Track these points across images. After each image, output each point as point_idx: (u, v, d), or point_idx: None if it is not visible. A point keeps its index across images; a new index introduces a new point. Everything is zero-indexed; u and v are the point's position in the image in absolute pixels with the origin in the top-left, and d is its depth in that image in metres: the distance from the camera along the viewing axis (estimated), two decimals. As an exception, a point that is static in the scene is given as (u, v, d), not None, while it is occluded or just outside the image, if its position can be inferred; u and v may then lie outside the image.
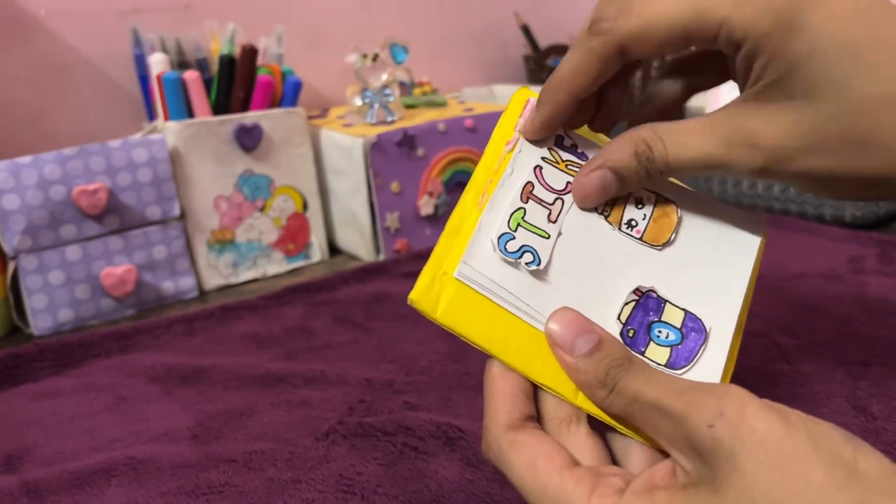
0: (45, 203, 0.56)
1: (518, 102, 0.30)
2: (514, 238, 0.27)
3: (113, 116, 0.75)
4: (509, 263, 0.26)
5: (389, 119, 0.72)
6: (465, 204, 0.27)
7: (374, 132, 0.67)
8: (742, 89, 0.26)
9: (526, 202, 0.27)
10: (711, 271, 0.27)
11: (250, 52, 0.65)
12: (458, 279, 0.26)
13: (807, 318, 0.49)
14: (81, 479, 0.36)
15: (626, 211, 0.28)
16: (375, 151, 0.66)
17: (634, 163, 0.26)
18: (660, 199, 0.28)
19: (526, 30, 0.99)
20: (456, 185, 0.72)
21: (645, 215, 0.28)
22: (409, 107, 0.80)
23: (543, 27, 1.03)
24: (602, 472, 0.23)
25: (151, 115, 0.71)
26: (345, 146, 0.68)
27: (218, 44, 0.68)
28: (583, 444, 0.24)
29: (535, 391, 0.25)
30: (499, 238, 0.26)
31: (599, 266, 0.27)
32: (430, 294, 0.26)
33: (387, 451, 0.37)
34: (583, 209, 0.28)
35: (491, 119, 0.73)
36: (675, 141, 0.25)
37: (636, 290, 0.27)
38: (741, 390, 0.21)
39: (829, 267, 0.57)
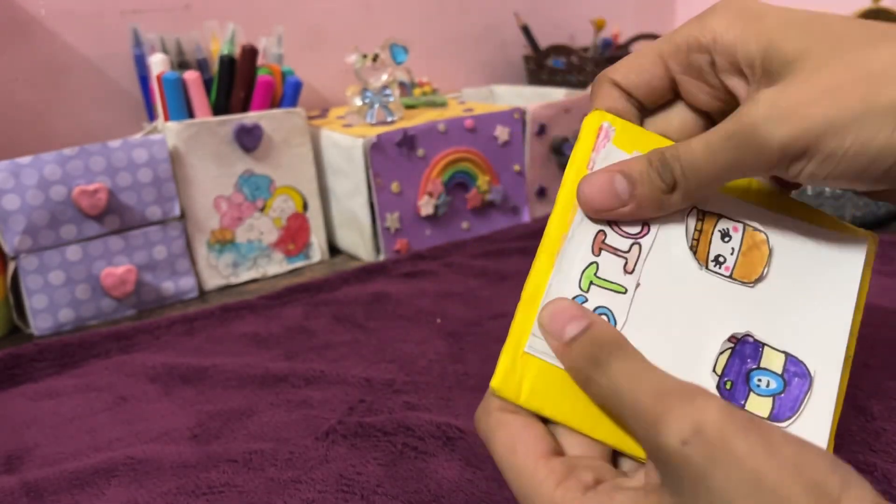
0: (45, 203, 0.56)
1: (590, 131, 0.27)
2: (586, 300, 0.24)
3: (113, 117, 0.75)
4: None
5: (389, 119, 0.72)
6: (538, 267, 0.25)
7: (374, 132, 0.67)
8: (745, 96, 0.25)
9: (598, 255, 0.25)
10: (811, 306, 0.25)
11: (250, 53, 0.65)
12: (533, 356, 0.24)
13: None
14: (81, 479, 0.36)
15: (711, 246, 0.25)
16: (375, 152, 0.66)
17: (646, 166, 0.24)
18: (747, 229, 0.26)
19: (526, 30, 0.99)
20: (456, 185, 0.72)
21: (733, 249, 0.25)
22: (409, 107, 0.80)
23: (543, 27, 1.03)
24: (577, 465, 0.22)
25: (152, 116, 0.71)
26: (345, 146, 0.68)
27: (218, 44, 0.68)
28: (576, 435, 0.24)
29: None
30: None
31: (687, 314, 0.25)
32: (512, 378, 0.24)
33: (387, 451, 0.37)
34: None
35: (491, 119, 0.73)
36: (686, 146, 0.24)
37: (731, 338, 0.24)
38: (723, 403, 0.20)
39: (829, 267, 0.57)
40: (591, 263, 0.25)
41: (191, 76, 0.63)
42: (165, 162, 0.61)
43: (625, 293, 0.25)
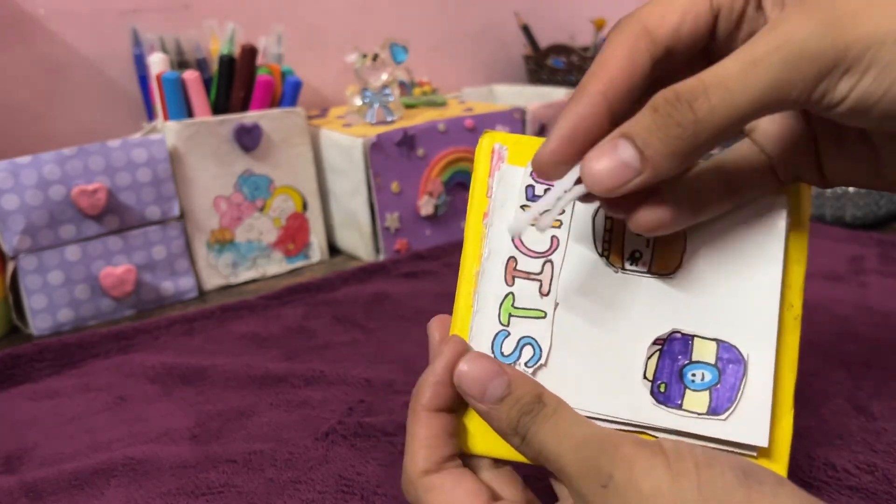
0: (44, 203, 0.56)
1: (484, 156, 0.26)
2: (509, 334, 0.24)
3: (112, 116, 0.75)
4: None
5: (389, 119, 0.72)
6: (459, 309, 0.25)
7: (374, 132, 0.67)
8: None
9: (512, 284, 0.25)
10: (736, 284, 0.24)
11: (250, 52, 0.65)
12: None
13: (807, 318, 0.49)
14: (81, 479, 0.36)
15: (625, 243, 0.24)
16: (375, 151, 0.66)
17: (650, 116, 0.20)
18: None
19: (526, 29, 0.99)
20: (456, 184, 0.72)
21: (648, 241, 0.24)
22: (408, 107, 0.80)
23: (543, 27, 1.03)
24: None
25: (151, 115, 0.71)
26: (345, 146, 0.68)
27: (217, 43, 0.68)
28: (510, 476, 0.24)
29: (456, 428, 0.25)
30: (493, 341, 0.24)
31: (610, 323, 0.24)
32: (461, 431, 0.25)
33: (386, 452, 0.37)
34: (578, 244, 0.24)
35: (491, 119, 0.73)
36: (713, 72, 0.20)
37: (657, 341, 0.24)
38: (632, 445, 0.20)
39: (829, 267, 0.57)
40: (507, 295, 0.25)
41: (190, 76, 0.63)
42: (165, 162, 0.61)
43: (545, 317, 0.24)
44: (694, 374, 0.23)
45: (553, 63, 0.96)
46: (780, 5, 0.22)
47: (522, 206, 0.25)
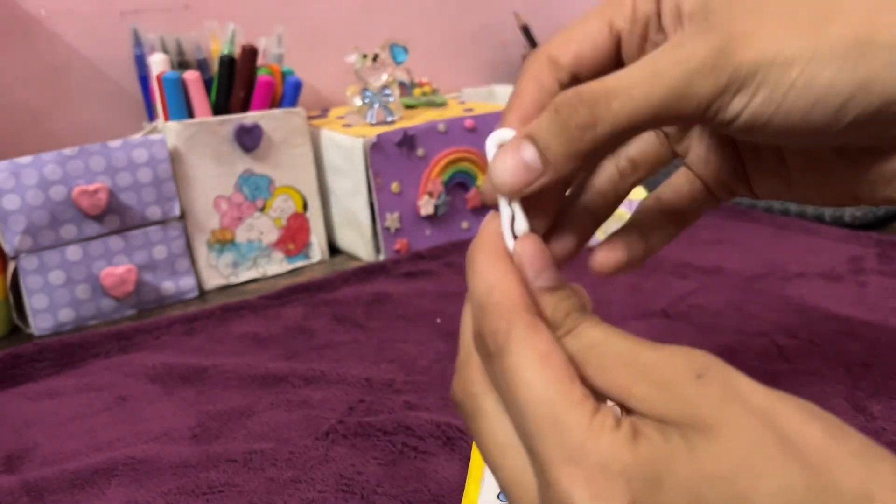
0: (45, 203, 0.56)
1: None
2: None
3: (113, 116, 0.75)
4: None
5: (389, 119, 0.72)
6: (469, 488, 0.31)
7: (374, 132, 0.67)
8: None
9: None
10: None
11: (250, 53, 0.65)
12: None
13: (807, 318, 0.49)
14: (82, 478, 0.36)
15: None
16: (375, 151, 0.66)
17: (552, 116, 0.20)
18: None
19: (526, 30, 0.99)
20: (456, 184, 0.72)
21: None
22: (409, 107, 0.80)
23: (543, 27, 1.03)
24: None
25: (152, 116, 0.71)
26: (345, 146, 0.68)
27: (218, 44, 0.68)
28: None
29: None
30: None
31: None
32: None
33: (386, 451, 0.37)
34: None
35: (491, 119, 0.73)
36: (615, 76, 0.20)
37: None
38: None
39: (829, 267, 0.57)
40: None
41: (191, 76, 0.63)
42: (165, 162, 0.61)
43: None
44: None
45: (553, 63, 0.96)
46: (680, 26, 0.22)
47: None
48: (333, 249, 0.74)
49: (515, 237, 0.21)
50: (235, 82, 0.66)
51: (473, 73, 1.01)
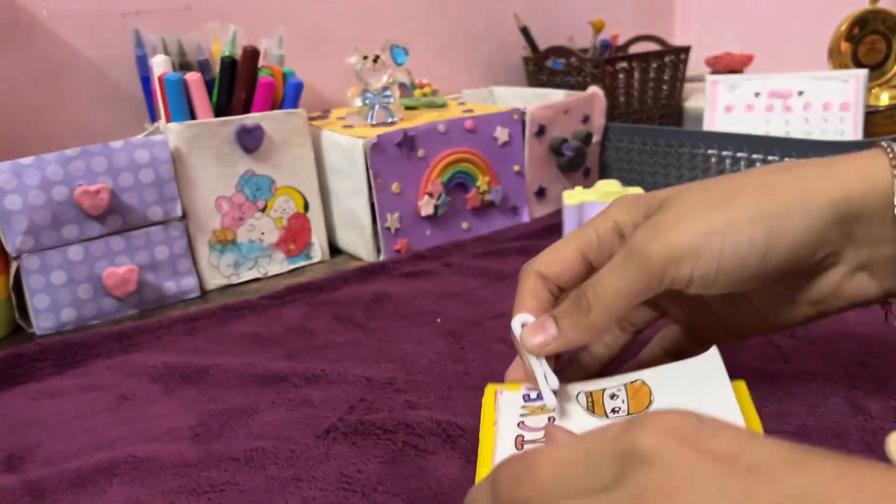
0: (47, 203, 0.56)
1: (490, 398, 0.36)
2: None
3: (115, 117, 0.75)
4: None
5: (390, 120, 0.72)
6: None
7: (375, 133, 0.67)
8: None
9: (521, 448, 0.31)
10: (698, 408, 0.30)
11: (251, 54, 0.65)
12: None
13: (805, 318, 0.49)
14: (83, 478, 0.37)
15: (605, 404, 0.33)
16: (376, 152, 0.66)
17: (568, 302, 0.32)
18: (627, 384, 0.33)
19: (525, 31, 0.99)
20: (456, 185, 0.72)
21: (623, 399, 0.33)
22: (409, 108, 0.81)
23: (543, 29, 1.03)
24: None
25: (153, 117, 0.72)
26: (345, 147, 0.68)
27: (219, 45, 0.69)
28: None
29: None
30: None
31: None
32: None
33: (387, 450, 0.37)
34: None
35: (490, 120, 0.73)
36: (597, 275, 0.31)
37: None
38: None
39: (827, 267, 0.58)
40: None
41: (192, 77, 0.63)
42: (167, 162, 0.61)
43: None
44: None
45: (552, 65, 0.96)
46: None
47: (523, 406, 0.34)
48: (334, 249, 0.75)
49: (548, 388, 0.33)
50: (237, 83, 0.66)
51: (473, 75, 1.02)
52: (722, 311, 0.36)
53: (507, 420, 0.34)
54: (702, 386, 0.32)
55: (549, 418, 0.33)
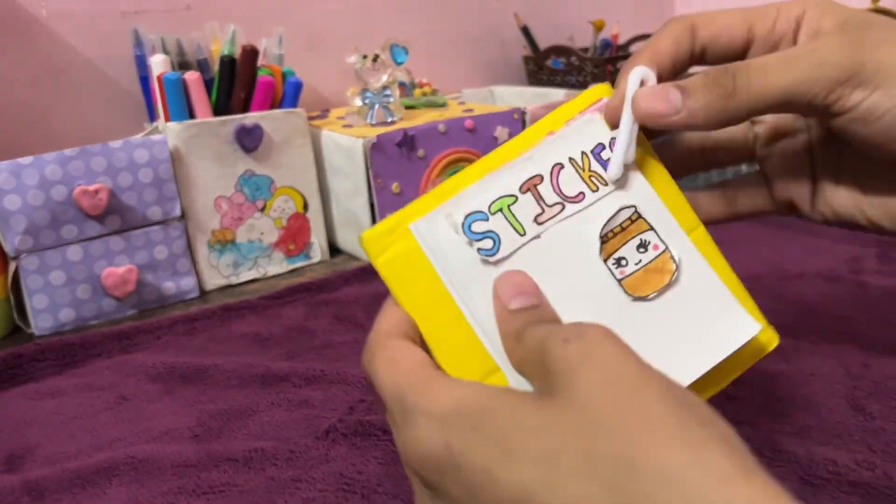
0: (46, 203, 0.56)
1: (589, 97, 0.28)
2: (486, 220, 0.25)
3: (114, 117, 0.75)
4: (466, 242, 0.25)
5: (389, 120, 0.72)
6: (469, 173, 0.26)
7: (375, 133, 0.67)
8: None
9: (524, 193, 0.26)
10: (675, 345, 0.25)
11: (251, 53, 0.65)
12: (412, 233, 0.25)
13: (806, 318, 0.49)
14: (83, 478, 0.36)
15: (624, 247, 0.26)
16: (375, 152, 0.66)
17: (701, 78, 0.25)
18: (666, 253, 0.26)
19: (526, 31, 0.99)
20: (456, 185, 0.72)
21: (640, 261, 0.26)
22: (409, 107, 0.80)
23: (543, 28, 1.03)
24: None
25: (152, 116, 0.71)
26: (345, 147, 0.68)
27: (219, 44, 0.69)
28: None
29: None
30: (469, 214, 0.25)
31: (561, 286, 0.25)
32: (383, 239, 0.26)
33: (387, 451, 0.37)
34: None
35: (491, 120, 0.73)
36: (757, 59, 0.25)
37: None
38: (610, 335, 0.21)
39: (828, 267, 0.58)
40: (511, 196, 0.26)
41: (191, 77, 0.63)
42: (166, 162, 0.61)
43: (522, 235, 0.26)
44: None
45: (553, 64, 0.96)
46: (814, 39, 0.27)
47: (583, 152, 0.27)
48: (334, 249, 0.74)
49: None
50: (236, 83, 0.66)
51: (473, 74, 1.01)
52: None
53: (554, 145, 0.27)
54: (706, 327, 0.26)
55: (579, 193, 0.26)
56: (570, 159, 0.26)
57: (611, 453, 0.17)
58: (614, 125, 0.27)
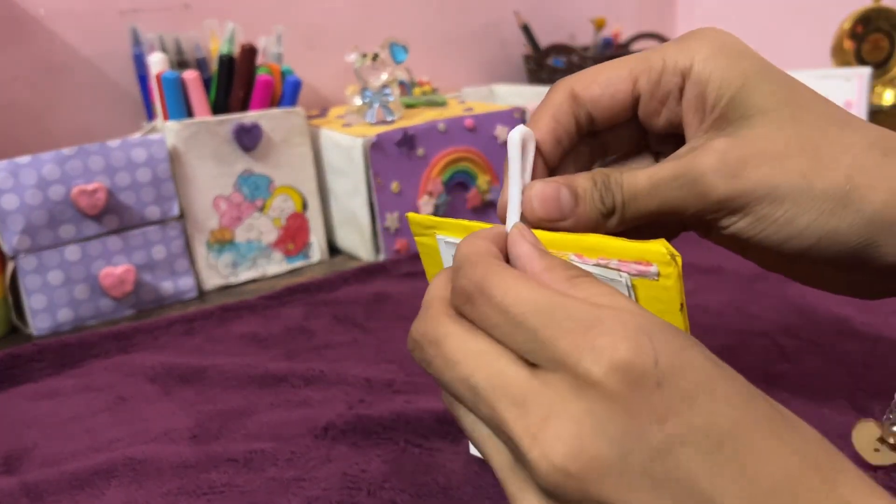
0: (44, 203, 0.56)
1: (642, 252, 0.23)
2: None
3: (112, 116, 0.75)
4: None
5: (389, 119, 0.72)
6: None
7: (374, 132, 0.67)
8: (694, 134, 0.26)
9: None
10: None
11: (249, 52, 0.65)
12: (437, 240, 0.27)
13: (808, 318, 0.49)
14: (81, 479, 0.36)
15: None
16: (375, 151, 0.66)
17: (590, 184, 0.25)
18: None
19: (526, 29, 0.99)
20: (456, 184, 0.72)
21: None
22: (408, 106, 0.80)
23: (544, 27, 1.03)
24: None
25: (151, 115, 0.71)
26: (344, 146, 0.68)
27: (217, 43, 0.68)
28: None
29: None
30: None
31: None
32: (419, 229, 0.28)
33: (389, 448, 0.37)
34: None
35: (491, 118, 0.73)
36: (629, 175, 0.25)
37: None
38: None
39: (829, 267, 0.57)
40: None
41: (190, 75, 0.63)
42: (164, 161, 0.61)
43: None
44: None
45: (553, 63, 0.96)
46: (699, 113, 0.25)
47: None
48: (333, 249, 0.74)
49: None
50: (235, 82, 0.66)
51: (473, 73, 1.01)
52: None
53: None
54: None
55: None
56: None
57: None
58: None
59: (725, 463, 0.17)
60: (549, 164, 0.27)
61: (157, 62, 0.64)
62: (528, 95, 0.90)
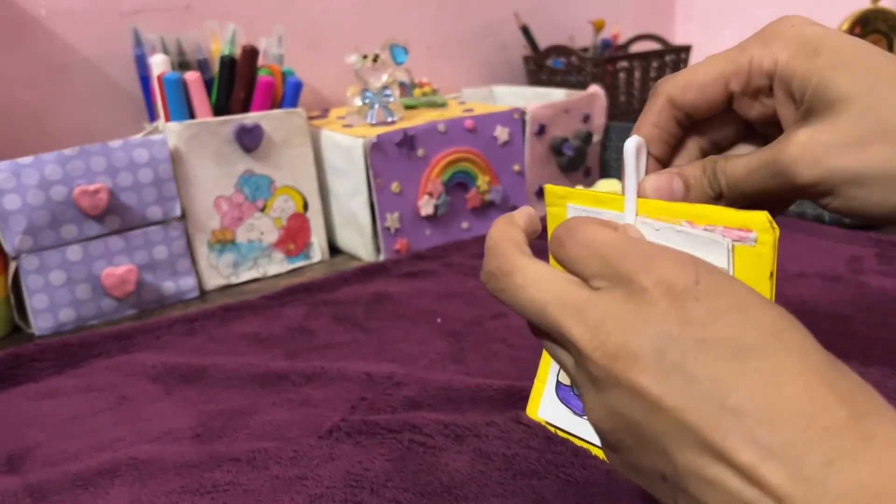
0: (46, 203, 0.56)
1: (743, 220, 0.27)
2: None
3: (114, 117, 0.75)
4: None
5: (389, 119, 0.72)
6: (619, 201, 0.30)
7: (375, 133, 0.67)
8: (788, 124, 0.28)
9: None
10: None
11: (251, 53, 0.65)
12: (567, 209, 0.32)
13: (806, 318, 0.49)
14: (84, 479, 0.36)
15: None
16: (375, 152, 0.66)
17: (700, 172, 0.29)
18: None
19: (526, 30, 0.99)
20: (456, 185, 0.72)
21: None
22: (409, 107, 0.80)
23: (543, 28, 1.03)
24: None
25: (152, 116, 0.71)
26: (345, 146, 0.68)
27: (219, 44, 0.69)
28: None
29: None
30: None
31: None
32: (553, 199, 0.32)
33: (393, 448, 0.37)
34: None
35: (491, 119, 0.73)
36: (731, 163, 0.29)
37: None
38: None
39: (828, 267, 0.58)
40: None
41: (191, 76, 0.63)
42: (166, 162, 0.61)
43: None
44: None
45: (553, 64, 0.96)
46: (789, 102, 0.28)
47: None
48: (334, 249, 0.74)
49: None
50: (236, 83, 0.66)
51: (473, 74, 1.01)
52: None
53: (695, 242, 0.28)
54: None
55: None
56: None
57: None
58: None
59: (743, 373, 0.19)
60: (662, 161, 0.31)
61: (158, 63, 0.64)
62: (528, 96, 0.91)
